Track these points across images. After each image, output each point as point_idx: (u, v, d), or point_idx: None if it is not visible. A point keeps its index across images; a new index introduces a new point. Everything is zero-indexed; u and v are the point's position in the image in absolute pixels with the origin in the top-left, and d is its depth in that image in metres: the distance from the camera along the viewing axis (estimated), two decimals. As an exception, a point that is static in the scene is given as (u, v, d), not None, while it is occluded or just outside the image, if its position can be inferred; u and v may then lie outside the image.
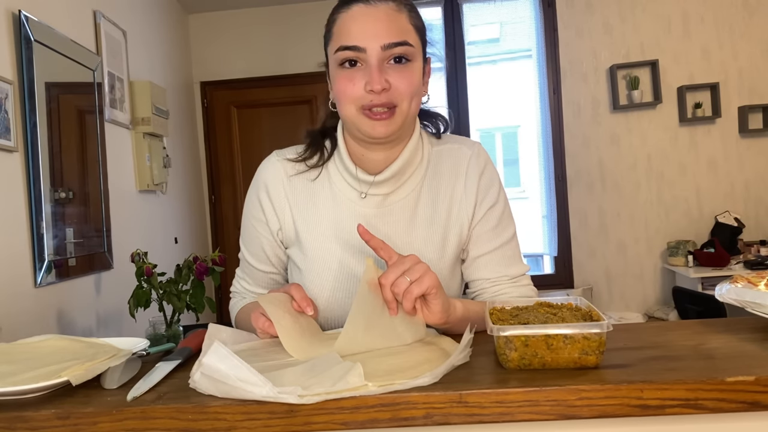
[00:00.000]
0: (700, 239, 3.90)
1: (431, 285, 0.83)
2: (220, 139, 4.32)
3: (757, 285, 0.84)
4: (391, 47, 0.92)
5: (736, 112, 3.94)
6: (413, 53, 0.95)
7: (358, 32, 0.92)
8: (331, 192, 1.05)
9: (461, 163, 1.06)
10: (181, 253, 3.56)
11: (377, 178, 1.01)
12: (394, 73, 0.93)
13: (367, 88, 0.92)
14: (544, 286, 3.96)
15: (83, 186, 2.57)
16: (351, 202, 1.03)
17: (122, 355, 0.79)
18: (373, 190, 1.02)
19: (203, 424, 0.66)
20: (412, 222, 1.04)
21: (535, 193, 4.11)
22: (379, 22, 0.92)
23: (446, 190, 1.05)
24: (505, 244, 1.06)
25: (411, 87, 0.94)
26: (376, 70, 0.92)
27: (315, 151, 1.06)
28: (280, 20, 4.25)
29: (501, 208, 1.06)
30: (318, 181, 1.06)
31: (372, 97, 0.93)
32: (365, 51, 0.92)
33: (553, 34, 4.04)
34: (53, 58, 2.36)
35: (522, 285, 1.06)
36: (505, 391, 0.65)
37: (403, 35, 0.93)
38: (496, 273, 1.05)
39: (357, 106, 0.94)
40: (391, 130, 0.95)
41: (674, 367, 0.69)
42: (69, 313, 2.38)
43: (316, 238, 1.04)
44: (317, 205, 1.05)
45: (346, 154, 1.03)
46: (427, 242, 1.04)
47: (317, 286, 1.02)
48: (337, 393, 0.65)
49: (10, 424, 0.67)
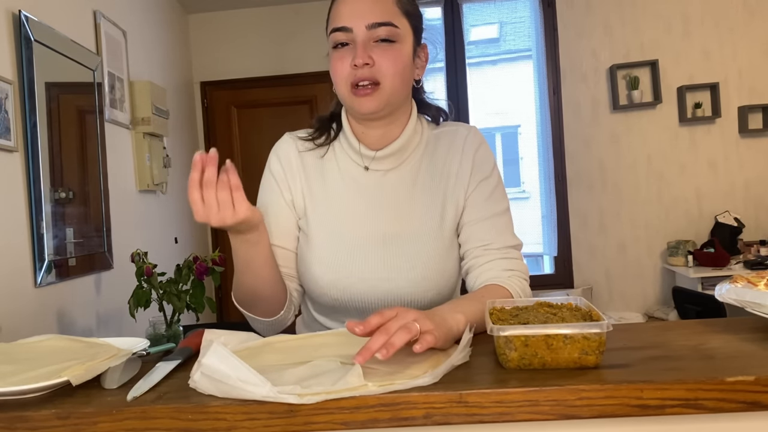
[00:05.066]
0: (700, 239, 3.90)
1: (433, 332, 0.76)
2: (220, 139, 4.31)
3: (757, 285, 0.84)
4: (375, 27, 1.00)
5: (736, 112, 3.94)
6: (399, 35, 1.02)
7: (346, 13, 1.01)
8: (338, 168, 1.12)
9: (458, 140, 1.12)
10: (181, 253, 3.56)
11: (378, 153, 1.09)
12: (379, 51, 1.01)
13: (352, 64, 1.00)
14: (544, 286, 3.96)
15: (83, 186, 2.57)
16: (354, 178, 1.11)
17: (122, 355, 0.79)
18: (375, 165, 1.10)
19: (203, 424, 0.66)
20: (412, 192, 1.10)
21: (535, 193, 4.11)
22: (365, 3, 1.01)
23: (444, 165, 1.11)
24: (497, 215, 1.09)
25: (394, 66, 1.01)
26: (361, 47, 1.00)
27: (323, 132, 1.14)
28: (280, 20, 4.25)
29: (494, 182, 1.11)
30: (326, 158, 1.13)
31: (356, 72, 1.00)
32: (352, 31, 1.00)
33: (553, 34, 4.04)
34: (53, 58, 2.36)
35: (512, 258, 1.06)
36: (505, 391, 0.65)
37: (387, 17, 1.01)
38: (486, 239, 1.07)
39: (346, 84, 1.02)
40: (375, 105, 1.02)
41: (674, 367, 0.69)
42: (69, 313, 2.38)
43: (323, 210, 1.10)
44: (326, 181, 1.12)
45: (350, 131, 1.11)
46: (427, 210, 1.09)
47: (322, 258, 1.07)
48: (337, 393, 0.65)
49: (10, 424, 0.67)
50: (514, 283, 1.03)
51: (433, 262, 1.06)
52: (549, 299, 0.84)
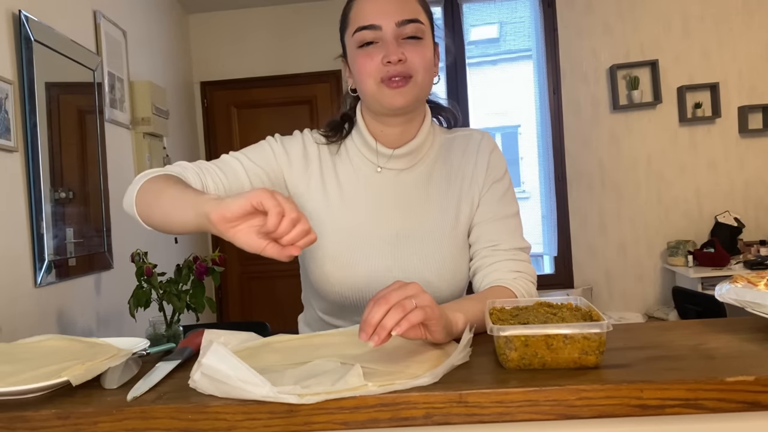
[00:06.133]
0: (700, 239, 3.90)
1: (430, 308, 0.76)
2: (220, 139, 4.31)
3: (757, 285, 0.84)
4: (405, 24, 1.00)
5: (736, 112, 3.94)
6: (424, 31, 1.03)
7: (374, 12, 1.01)
8: (351, 166, 1.12)
9: (472, 144, 1.14)
10: (181, 253, 3.55)
11: (396, 151, 1.09)
12: (409, 47, 1.01)
13: (385, 60, 0.99)
14: (544, 286, 3.96)
15: (83, 186, 2.57)
16: (367, 176, 1.11)
17: (122, 355, 0.79)
18: (390, 164, 1.10)
19: (203, 424, 0.66)
20: (427, 193, 1.11)
21: (535, 193, 4.11)
22: (392, 2, 1.01)
23: (459, 167, 1.12)
24: (507, 218, 1.10)
25: (424, 60, 1.01)
26: (393, 44, 0.99)
27: (336, 131, 1.15)
28: (280, 20, 4.25)
29: (506, 185, 1.13)
30: (339, 155, 1.14)
31: (389, 68, 0.99)
32: (381, 29, 1.00)
33: (553, 34, 4.03)
34: (53, 58, 2.36)
35: (520, 260, 1.07)
36: (505, 391, 0.65)
37: (415, 13, 1.01)
38: (495, 240, 1.07)
39: (376, 79, 1.01)
40: (407, 99, 1.01)
41: (674, 367, 0.69)
42: (69, 313, 2.38)
43: (337, 208, 1.10)
44: (339, 178, 1.12)
45: (366, 130, 1.10)
46: (442, 210, 1.10)
47: (335, 255, 1.07)
48: (337, 393, 0.65)
49: (10, 424, 0.67)
50: (519, 285, 1.03)
51: (447, 262, 1.07)
52: (549, 299, 0.84)
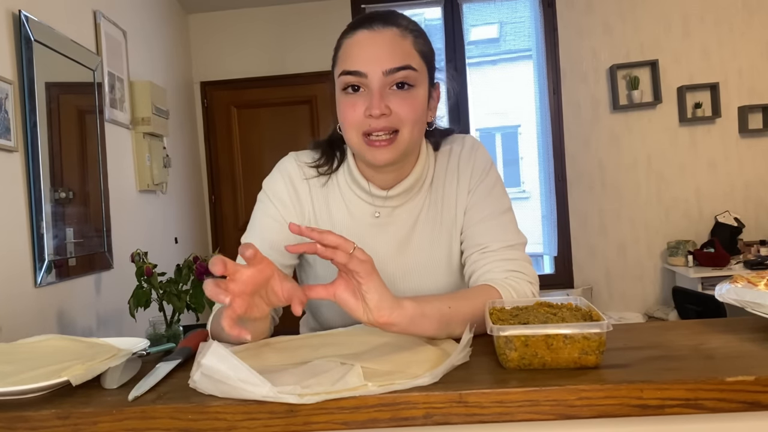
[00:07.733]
0: (700, 239, 3.90)
1: (365, 262, 0.75)
2: (220, 139, 4.31)
3: (757, 285, 0.84)
4: (393, 72, 0.93)
5: (736, 112, 3.94)
6: (416, 78, 0.95)
7: (361, 57, 0.93)
8: (343, 202, 1.07)
9: (452, 162, 1.08)
10: (181, 253, 3.56)
11: (390, 193, 1.04)
12: (396, 98, 0.94)
13: (367, 113, 0.93)
14: (544, 286, 3.95)
15: (83, 186, 2.57)
16: (361, 215, 1.06)
17: (122, 355, 0.79)
18: (385, 203, 1.05)
19: (203, 424, 0.66)
20: (421, 227, 1.07)
21: (535, 193, 4.11)
22: (382, 47, 0.93)
23: (445, 191, 1.08)
24: (494, 216, 1.04)
25: (413, 113, 0.95)
26: (377, 95, 0.92)
27: (327, 161, 1.08)
28: (280, 20, 4.25)
29: (491, 183, 1.07)
30: (329, 187, 1.08)
31: (371, 122, 0.93)
32: (366, 76, 0.93)
33: (553, 34, 4.04)
34: (53, 58, 2.36)
35: (511, 259, 1.00)
36: (505, 391, 0.65)
37: (405, 60, 0.94)
38: (482, 242, 1.02)
39: (358, 132, 0.95)
40: (392, 156, 0.95)
41: (674, 367, 0.69)
42: (69, 313, 2.38)
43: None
44: (331, 214, 1.07)
45: (357, 172, 1.04)
46: (434, 242, 1.06)
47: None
48: (337, 393, 0.65)
49: (10, 424, 0.67)
50: (509, 283, 0.97)
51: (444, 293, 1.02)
52: (549, 299, 0.84)
